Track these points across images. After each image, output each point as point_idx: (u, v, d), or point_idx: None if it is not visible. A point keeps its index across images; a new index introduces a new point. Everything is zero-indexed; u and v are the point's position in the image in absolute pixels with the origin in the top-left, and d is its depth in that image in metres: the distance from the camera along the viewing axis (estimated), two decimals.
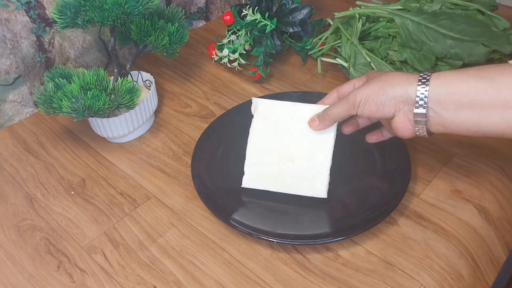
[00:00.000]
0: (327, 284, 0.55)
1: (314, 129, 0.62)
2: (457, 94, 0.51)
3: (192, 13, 1.03)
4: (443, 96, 0.52)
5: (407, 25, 0.74)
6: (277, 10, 0.88)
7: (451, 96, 0.51)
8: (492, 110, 0.50)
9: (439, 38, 0.73)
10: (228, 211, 0.61)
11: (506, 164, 0.68)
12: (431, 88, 0.52)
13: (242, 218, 0.61)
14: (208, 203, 0.62)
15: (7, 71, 0.77)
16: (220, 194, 0.64)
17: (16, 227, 0.64)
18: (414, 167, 0.68)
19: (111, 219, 0.65)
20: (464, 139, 0.72)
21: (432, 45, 0.73)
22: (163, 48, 0.75)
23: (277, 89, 0.85)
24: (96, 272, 0.58)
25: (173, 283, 0.57)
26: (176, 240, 0.61)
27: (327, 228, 0.60)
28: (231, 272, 0.57)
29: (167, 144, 0.76)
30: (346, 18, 0.85)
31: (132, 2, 0.67)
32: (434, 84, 0.52)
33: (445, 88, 0.52)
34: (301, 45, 0.89)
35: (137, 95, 0.70)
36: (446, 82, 0.52)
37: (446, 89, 0.51)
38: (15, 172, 0.72)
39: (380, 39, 0.79)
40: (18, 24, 0.76)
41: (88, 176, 0.71)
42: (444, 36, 0.72)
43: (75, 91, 0.66)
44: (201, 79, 0.89)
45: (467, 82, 0.51)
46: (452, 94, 0.51)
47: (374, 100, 0.55)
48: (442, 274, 0.55)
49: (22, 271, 0.59)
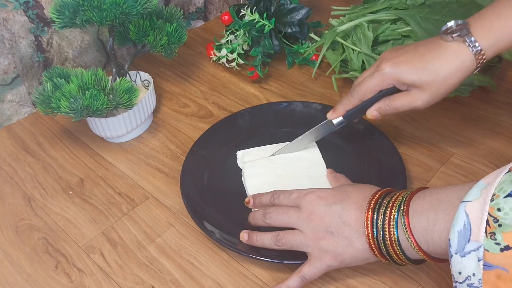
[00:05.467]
0: (325, 284, 0.55)
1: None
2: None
3: (190, 13, 1.03)
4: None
5: (418, 22, 0.74)
6: (276, 10, 0.88)
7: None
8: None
9: None
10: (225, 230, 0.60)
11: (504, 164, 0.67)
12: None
13: (237, 237, 0.58)
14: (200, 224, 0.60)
15: (5, 71, 0.77)
16: (214, 214, 0.63)
17: (14, 227, 0.64)
18: (412, 167, 0.68)
19: (109, 219, 0.65)
20: (462, 139, 0.72)
21: (439, 31, 0.73)
22: (161, 48, 0.75)
23: (275, 89, 0.85)
24: (94, 272, 0.58)
25: (171, 283, 0.57)
26: (174, 240, 0.61)
27: None
28: (229, 272, 0.57)
29: (166, 144, 0.76)
30: (341, 31, 0.82)
31: (130, 2, 0.67)
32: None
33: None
34: (295, 48, 0.89)
35: (136, 95, 0.70)
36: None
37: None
38: (13, 172, 0.72)
39: (390, 42, 0.78)
40: (16, 23, 0.75)
41: (86, 176, 0.71)
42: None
43: (74, 91, 0.66)
44: (199, 79, 0.89)
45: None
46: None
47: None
48: (440, 274, 0.55)
49: (20, 271, 0.59)
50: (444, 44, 0.55)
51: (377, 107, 0.60)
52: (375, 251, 0.49)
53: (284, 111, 0.77)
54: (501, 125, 0.74)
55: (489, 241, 0.37)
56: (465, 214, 0.39)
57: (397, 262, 0.48)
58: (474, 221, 0.38)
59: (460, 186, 0.44)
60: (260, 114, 0.77)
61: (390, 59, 0.58)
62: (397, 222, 0.46)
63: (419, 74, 0.56)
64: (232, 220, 0.61)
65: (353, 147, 0.69)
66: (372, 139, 0.69)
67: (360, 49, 0.77)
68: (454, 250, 0.39)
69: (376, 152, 0.68)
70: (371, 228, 0.48)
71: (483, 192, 0.39)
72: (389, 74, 0.57)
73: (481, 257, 0.37)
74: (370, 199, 0.50)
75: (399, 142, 0.72)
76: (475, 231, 0.38)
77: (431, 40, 0.57)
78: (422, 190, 0.48)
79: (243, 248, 0.56)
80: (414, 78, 0.56)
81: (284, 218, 0.54)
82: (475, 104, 0.78)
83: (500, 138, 0.72)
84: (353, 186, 0.54)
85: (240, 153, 0.69)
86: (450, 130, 0.74)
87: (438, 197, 0.45)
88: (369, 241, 0.49)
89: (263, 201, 0.58)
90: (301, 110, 0.77)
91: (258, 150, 0.69)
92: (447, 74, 0.55)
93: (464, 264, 0.39)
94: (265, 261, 0.56)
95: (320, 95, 0.83)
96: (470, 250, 0.38)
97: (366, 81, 0.59)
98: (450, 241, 0.40)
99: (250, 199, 0.60)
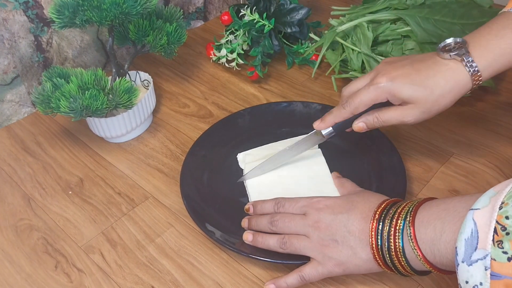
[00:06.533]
0: (326, 284, 0.55)
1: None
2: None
3: (190, 13, 1.03)
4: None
5: (418, 22, 0.74)
6: (275, 10, 0.88)
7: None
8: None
9: (449, 27, 0.73)
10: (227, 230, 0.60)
11: (504, 164, 0.68)
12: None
13: (237, 238, 0.58)
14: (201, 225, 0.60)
15: (5, 71, 0.77)
16: (214, 213, 0.63)
17: (13, 227, 0.64)
18: (412, 167, 0.68)
19: (109, 219, 0.65)
20: (462, 139, 0.72)
21: (447, 35, 0.73)
22: (161, 48, 0.75)
23: (275, 89, 0.85)
24: (93, 272, 0.58)
25: (170, 283, 0.57)
26: (174, 240, 0.61)
27: None
28: (229, 272, 0.57)
29: (165, 144, 0.76)
30: (340, 31, 0.81)
31: (130, 2, 0.67)
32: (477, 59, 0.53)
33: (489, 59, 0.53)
34: (295, 48, 0.89)
35: (135, 95, 0.70)
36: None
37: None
38: (13, 172, 0.72)
39: (389, 42, 0.78)
40: (16, 23, 0.75)
41: (86, 176, 0.71)
42: (452, 24, 0.73)
43: (73, 91, 0.66)
44: (199, 79, 0.89)
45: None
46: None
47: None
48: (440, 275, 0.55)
49: (19, 271, 0.59)
50: (441, 62, 0.54)
51: (364, 119, 0.58)
52: (379, 261, 0.49)
53: (284, 111, 0.77)
54: (501, 125, 0.74)
55: (496, 249, 0.36)
56: (473, 221, 0.39)
57: (402, 273, 0.48)
58: (482, 229, 0.38)
59: (468, 196, 0.44)
60: (260, 114, 0.77)
61: (386, 73, 0.56)
62: (403, 232, 0.46)
63: (415, 90, 0.54)
64: (232, 220, 0.61)
65: (353, 147, 0.69)
66: (371, 139, 0.69)
67: (359, 49, 0.77)
68: (461, 259, 0.39)
69: (376, 152, 0.68)
70: (375, 238, 0.48)
71: (492, 200, 0.39)
72: (385, 88, 0.55)
73: (488, 266, 0.37)
74: (376, 209, 0.50)
75: (399, 142, 0.72)
76: (482, 239, 0.38)
77: (427, 56, 0.56)
78: (429, 200, 0.48)
79: (243, 248, 0.56)
80: (409, 93, 0.54)
81: (290, 225, 0.54)
82: (475, 104, 0.78)
83: (500, 138, 0.72)
84: (360, 196, 0.54)
85: (241, 155, 0.69)
86: (450, 130, 0.74)
87: (445, 207, 0.44)
88: (373, 252, 0.49)
89: (265, 209, 0.58)
90: (301, 110, 0.77)
91: (258, 150, 0.69)
92: (443, 92, 0.54)
93: (471, 273, 0.38)
94: (265, 261, 0.55)
95: (320, 95, 0.83)
96: (477, 258, 0.38)
97: (360, 94, 0.57)
98: (457, 249, 0.39)
99: (250, 206, 0.60)
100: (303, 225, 0.53)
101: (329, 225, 0.51)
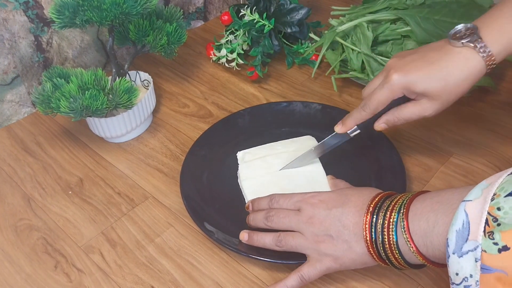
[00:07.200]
0: (325, 284, 0.55)
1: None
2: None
3: (190, 13, 1.03)
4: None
5: (418, 22, 0.74)
6: (275, 10, 0.88)
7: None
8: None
9: (449, 27, 0.73)
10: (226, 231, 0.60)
11: (503, 164, 0.68)
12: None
13: (237, 238, 0.58)
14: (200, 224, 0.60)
15: (5, 71, 0.77)
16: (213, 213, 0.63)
17: (13, 227, 0.64)
18: (412, 167, 0.68)
19: (109, 219, 0.65)
20: (462, 139, 0.72)
21: (447, 35, 0.73)
22: (161, 48, 0.75)
23: (274, 89, 0.85)
24: (93, 272, 0.58)
25: (170, 282, 0.57)
26: (173, 239, 0.61)
27: None
28: (229, 272, 0.57)
29: (165, 144, 0.76)
30: (340, 31, 0.81)
31: (130, 2, 0.67)
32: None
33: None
34: (295, 48, 0.89)
35: (135, 95, 0.70)
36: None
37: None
38: (12, 172, 0.72)
39: (389, 42, 0.78)
40: (16, 24, 0.76)
41: (86, 176, 0.71)
42: (452, 24, 0.73)
43: (73, 91, 0.66)
44: (199, 79, 0.89)
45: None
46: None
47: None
48: (439, 274, 0.55)
49: (19, 271, 0.59)
50: (453, 50, 0.54)
51: (385, 119, 0.59)
52: (374, 255, 0.49)
53: (284, 111, 0.77)
54: (501, 125, 0.74)
55: (487, 241, 0.37)
56: (465, 213, 0.39)
57: (396, 267, 0.48)
58: (473, 220, 0.38)
59: (461, 189, 0.44)
60: (260, 114, 0.77)
61: (398, 68, 0.56)
62: (397, 225, 0.46)
63: (430, 82, 0.54)
64: (232, 220, 0.61)
65: (352, 147, 0.69)
66: (371, 139, 0.69)
67: (359, 49, 0.77)
68: (451, 250, 0.39)
69: (375, 152, 0.68)
70: (369, 231, 0.48)
71: (484, 191, 0.39)
72: (399, 84, 0.55)
73: (478, 258, 0.37)
74: (369, 203, 0.50)
75: (398, 142, 0.72)
76: (473, 230, 0.38)
77: (438, 45, 0.56)
78: (423, 193, 0.48)
79: (243, 248, 0.56)
80: (424, 86, 0.54)
81: (285, 221, 0.54)
82: (475, 104, 0.78)
83: (500, 138, 0.72)
84: (353, 190, 0.54)
85: (240, 153, 0.69)
86: (449, 130, 0.74)
87: (438, 200, 0.44)
88: (367, 245, 0.49)
89: (261, 206, 0.58)
90: (301, 110, 0.77)
91: (258, 149, 0.69)
92: (458, 81, 0.53)
93: (461, 265, 0.38)
94: (264, 261, 0.55)
95: (320, 95, 0.83)
96: (468, 250, 0.38)
97: (377, 94, 0.57)
98: (448, 241, 0.39)
99: (249, 204, 0.60)
100: (297, 221, 0.53)
101: (323, 220, 0.51)
